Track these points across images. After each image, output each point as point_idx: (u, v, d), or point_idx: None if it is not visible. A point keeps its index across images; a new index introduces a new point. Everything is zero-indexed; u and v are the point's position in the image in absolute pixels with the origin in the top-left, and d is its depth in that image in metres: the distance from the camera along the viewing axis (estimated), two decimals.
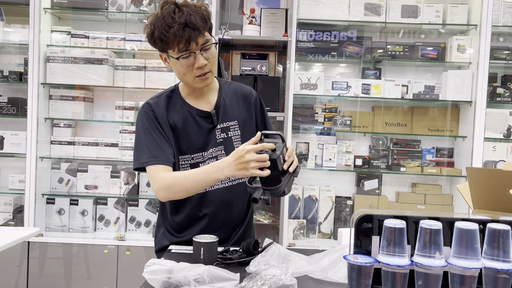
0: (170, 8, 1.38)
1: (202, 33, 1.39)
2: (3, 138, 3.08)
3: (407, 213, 1.12)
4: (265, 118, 1.65)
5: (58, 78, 3.06)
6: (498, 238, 1.01)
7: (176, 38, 1.36)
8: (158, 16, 1.39)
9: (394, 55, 3.20)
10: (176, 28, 1.35)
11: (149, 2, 3.11)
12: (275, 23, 3.08)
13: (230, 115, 1.55)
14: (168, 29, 1.36)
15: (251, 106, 1.61)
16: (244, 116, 1.58)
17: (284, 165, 1.29)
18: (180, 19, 1.35)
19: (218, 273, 1.09)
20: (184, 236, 1.54)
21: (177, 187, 1.39)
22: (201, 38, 1.39)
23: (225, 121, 1.54)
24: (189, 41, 1.37)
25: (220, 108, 1.54)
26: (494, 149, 3.08)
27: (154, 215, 3.15)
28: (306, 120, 3.21)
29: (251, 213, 1.67)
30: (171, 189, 1.40)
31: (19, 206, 3.17)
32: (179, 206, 1.54)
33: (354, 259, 1.05)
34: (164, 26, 1.36)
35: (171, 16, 1.36)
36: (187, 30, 1.36)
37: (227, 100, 1.57)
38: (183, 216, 1.54)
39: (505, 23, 3.07)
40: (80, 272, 2.95)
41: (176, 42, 1.37)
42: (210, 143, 1.51)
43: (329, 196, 3.19)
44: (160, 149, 1.44)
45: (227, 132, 1.54)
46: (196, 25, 1.36)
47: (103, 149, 3.13)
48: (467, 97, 3.06)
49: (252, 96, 1.62)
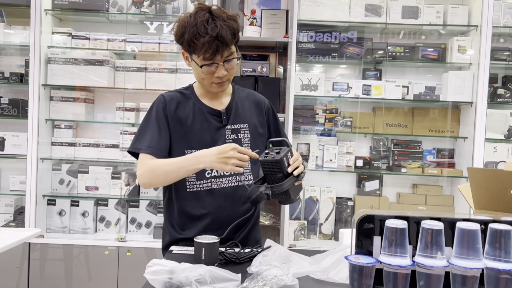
0: (205, 17, 1.41)
1: (229, 46, 1.44)
2: (4, 139, 3.09)
3: (408, 214, 1.12)
4: (278, 126, 1.71)
5: (59, 80, 3.06)
6: (499, 238, 1.01)
7: (204, 47, 1.41)
8: (190, 20, 1.42)
9: (395, 56, 3.20)
10: (207, 39, 1.39)
11: (150, 3, 3.11)
12: (276, 24, 3.08)
13: (242, 117, 1.59)
14: (198, 37, 1.40)
15: (263, 114, 1.66)
16: (255, 121, 1.62)
17: (289, 168, 1.33)
18: (212, 32, 1.39)
19: (219, 274, 1.09)
20: (186, 234, 1.54)
21: (157, 170, 1.45)
22: (227, 51, 1.44)
23: (236, 123, 1.58)
24: (215, 53, 1.42)
25: (231, 110, 1.59)
26: (495, 150, 3.08)
27: (155, 216, 3.15)
28: (306, 121, 3.21)
29: (257, 216, 1.68)
30: (152, 173, 1.45)
31: (20, 207, 3.17)
32: (184, 201, 1.55)
33: (355, 260, 1.05)
34: (195, 34, 1.40)
35: (204, 25, 1.40)
36: (216, 42, 1.40)
37: (239, 103, 1.62)
38: (186, 212, 1.55)
39: (506, 24, 3.07)
40: (81, 273, 2.95)
41: (203, 51, 1.42)
42: (218, 142, 1.53)
43: (330, 197, 3.19)
44: (158, 142, 1.50)
45: (237, 133, 1.57)
46: (225, 39, 1.41)
47: (104, 150, 3.13)
48: (467, 98, 3.06)
49: (265, 104, 1.68)
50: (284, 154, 1.32)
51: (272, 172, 1.34)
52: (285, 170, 1.32)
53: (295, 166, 1.35)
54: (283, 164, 1.31)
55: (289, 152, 1.36)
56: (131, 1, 3.11)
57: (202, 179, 1.53)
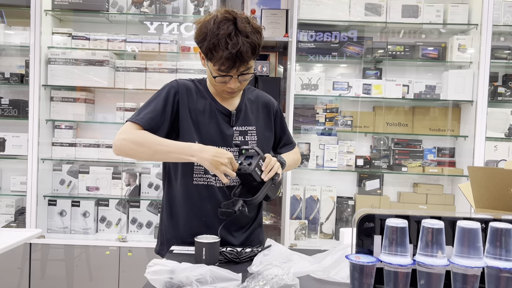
0: (228, 30, 1.38)
1: (247, 62, 1.43)
2: (5, 140, 3.09)
3: (409, 213, 1.12)
4: (285, 130, 1.72)
5: (59, 80, 3.06)
6: (500, 237, 1.01)
7: (221, 60, 1.39)
8: (213, 29, 1.39)
9: (395, 55, 3.20)
10: (225, 54, 1.37)
11: (150, 3, 3.11)
12: (276, 23, 3.08)
13: (250, 119, 1.59)
14: (217, 50, 1.38)
15: (271, 116, 1.66)
16: (262, 123, 1.62)
17: (262, 175, 1.40)
18: (233, 49, 1.36)
19: (220, 273, 1.09)
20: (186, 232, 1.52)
21: (146, 145, 1.40)
22: (244, 67, 1.43)
23: (244, 125, 1.57)
24: (231, 67, 1.41)
25: (241, 111, 1.58)
26: (496, 149, 3.08)
27: (156, 216, 3.15)
28: (307, 121, 3.21)
29: (260, 217, 1.67)
30: (137, 145, 1.40)
31: (20, 208, 3.17)
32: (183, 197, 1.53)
33: (356, 259, 1.05)
34: (215, 45, 1.38)
35: (225, 39, 1.37)
36: (235, 59, 1.38)
37: (248, 105, 1.61)
38: (187, 209, 1.53)
39: (506, 23, 3.07)
40: (82, 273, 2.95)
41: (220, 63, 1.40)
42: (225, 141, 1.52)
43: (331, 196, 3.19)
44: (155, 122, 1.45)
45: (244, 135, 1.56)
46: (245, 57, 1.39)
47: (104, 151, 3.13)
48: (468, 96, 3.06)
49: (273, 106, 1.68)
50: (255, 164, 1.38)
51: (248, 181, 1.42)
52: (259, 178, 1.40)
53: (268, 172, 1.40)
54: (256, 174, 1.39)
55: (260, 159, 1.41)
56: (131, 1, 3.11)
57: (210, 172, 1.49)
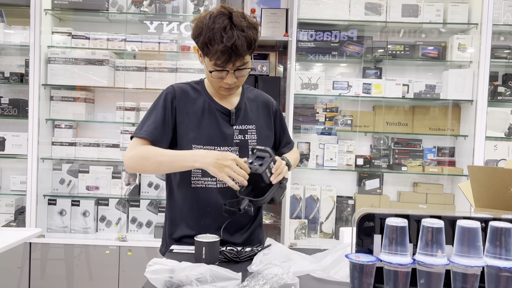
0: (223, 23, 1.38)
1: (243, 56, 1.42)
2: (5, 139, 3.09)
3: (409, 212, 1.12)
4: (284, 129, 1.72)
5: (59, 79, 3.06)
6: (500, 236, 1.01)
7: (216, 54, 1.39)
8: (209, 23, 1.39)
9: (395, 54, 3.20)
10: (220, 48, 1.37)
11: (150, 2, 3.11)
12: (276, 23, 3.08)
13: (250, 118, 1.59)
14: (213, 44, 1.38)
15: (271, 115, 1.66)
16: (262, 122, 1.62)
17: (272, 178, 1.38)
18: (227, 42, 1.36)
19: (220, 273, 1.09)
20: (187, 231, 1.53)
21: (151, 159, 1.43)
22: (240, 61, 1.42)
23: (244, 124, 1.57)
24: (227, 61, 1.40)
25: (240, 110, 1.58)
26: (496, 148, 3.08)
27: (156, 215, 3.15)
28: (307, 120, 3.21)
29: (260, 217, 1.67)
30: (143, 160, 1.43)
31: (20, 207, 3.17)
32: (182, 200, 1.54)
33: (356, 258, 1.05)
34: (211, 39, 1.38)
35: (220, 33, 1.37)
36: (230, 52, 1.38)
37: (248, 104, 1.61)
38: (186, 212, 1.54)
39: (506, 22, 3.07)
40: (81, 273, 2.95)
41: (215, 58, 1.40)
42: (225, 141, 1.52)
43: (331, 195, 3.19)
44: (159, 132, 1.47)
45: (244, 134, 1.56)
46: (240, 50, 1.39)
47: (104, 150, 3.13)
48: (468, 96, 3.05)
49: (273, 106, 1.68)
50: (266, 166, 1.37)
51: (256, 181, 1.40)
52: (268, 180, 1.38)
53: (277, 175, 1.39)
54: (266, 175, 1.38)
55: (272, 161, 1.40)
56: (131, 1, 3.11)
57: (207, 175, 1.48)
